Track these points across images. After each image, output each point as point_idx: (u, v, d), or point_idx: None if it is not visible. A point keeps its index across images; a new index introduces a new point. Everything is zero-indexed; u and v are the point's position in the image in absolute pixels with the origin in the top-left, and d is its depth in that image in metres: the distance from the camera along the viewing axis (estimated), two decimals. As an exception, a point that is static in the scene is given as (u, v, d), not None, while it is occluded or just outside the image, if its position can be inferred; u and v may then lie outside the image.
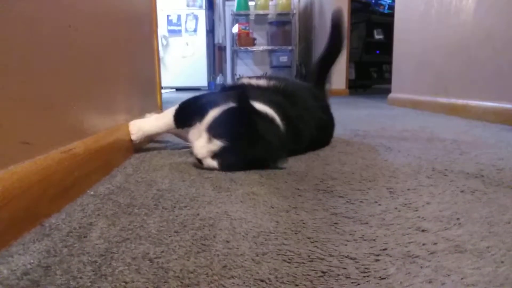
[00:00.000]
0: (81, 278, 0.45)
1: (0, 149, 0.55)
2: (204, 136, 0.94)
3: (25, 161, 0.60)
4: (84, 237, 0.56)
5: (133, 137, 1.10)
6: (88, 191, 0.78)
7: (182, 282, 0.44)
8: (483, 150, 1.17)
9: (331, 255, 0.51)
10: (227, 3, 5.52)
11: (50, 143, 0.69)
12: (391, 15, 3.12)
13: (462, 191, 0.77)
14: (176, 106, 1.13)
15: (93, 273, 0.46)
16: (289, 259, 0.50)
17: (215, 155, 0.93)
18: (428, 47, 2.49)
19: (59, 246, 0.53)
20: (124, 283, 0.44)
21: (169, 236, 0.56)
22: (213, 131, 0.92)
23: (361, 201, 0.72)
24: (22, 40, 0.61)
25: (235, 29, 5.17)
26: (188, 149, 1.06)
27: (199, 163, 0.95)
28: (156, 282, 0.44)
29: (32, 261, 0.49)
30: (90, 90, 0.88)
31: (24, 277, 0.45)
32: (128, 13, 1.21)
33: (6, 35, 0.56)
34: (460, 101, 2.10)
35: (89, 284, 0.44)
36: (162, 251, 0.51)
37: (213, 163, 0.94)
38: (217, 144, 0.91)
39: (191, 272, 0.46)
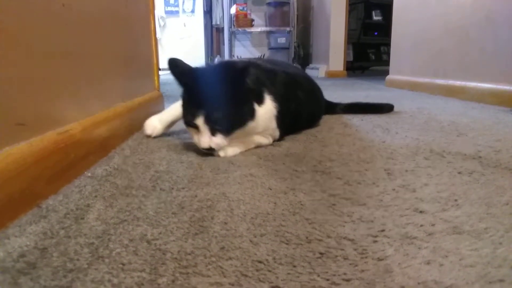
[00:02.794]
0: (78, 260, 0.45)
1: (-6, 130, 0.54)
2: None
3: (20, 143, 0.59)
4: (81, 218, 0.56)
5: (151, 134, 1.10)
6: (85, 172, 0.77)
7: (180, 264, 0.44)
8: (480, 132, 1.17)
9: (329, 237, 0.51)
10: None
11: (46, 125, 0.68)
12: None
13: (459, 173, 0.77)
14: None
15: (90, 254, 0.46)
16: (287, 241, 0.50)
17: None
18: (427, 28, 2.46)
19: (56, 228, 0.52)
20: (121, 265, 0.43)
21: (167, 218, 0.56)
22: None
23: (358, 183, 0.72)
24: (15, 20, 0.59)
25: (233, 10, 5.09)
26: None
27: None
28: (153, 264, 0.44)
29: (28, 243, 0.48)
30: (85, 71, 0.86)
31: (20, 259, 0.45)
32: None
33: (4, 21, 0.55)
34: (458, 83, 2.09)
35: (86, 266, 0.43)
36: (160, 233, 0.51)
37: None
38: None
39: (189, 254, 0.46)
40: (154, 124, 1.11)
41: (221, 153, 0.90)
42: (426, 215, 0.57)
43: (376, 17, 5.09)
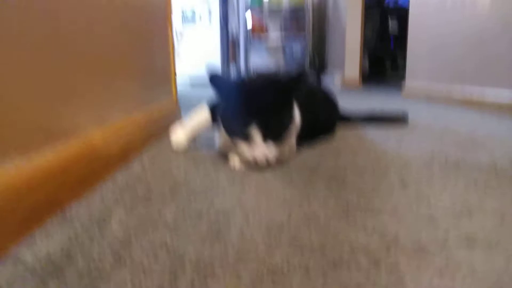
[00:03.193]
0: (101, 263, 0.47)
1: (22, 137, 0.57)
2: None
3: (46, 151, 0.62)
4: (104, 224, 0.58)
5: (177, 149, 1.12)
6: (107, 180, 0.80)
7: (197, 268, 0.46)
8: (497, 143, 1.16)
9: (342, 246, 0.52)
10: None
11: (70, 133, 0.71)
12: (406, 9, 3.08)
13: (474, 183, 0.77)
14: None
15: (113, 259, 0.48)
16: (302, 249, 0.51)
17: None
18: (443, 35, 2.45)
19: (80, 233, 0.55)
20: (142, 269, 0.46)
21: (185, 225, 0.58)
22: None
23: (373, 193, 0.73)
24: (44, 34, 0.62)
25: (249, 18, 5.15)
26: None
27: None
28: (172, 268, 0.46)
29: (54, 247, 0.51)
30: (107, 81, 0.90)
31: (47, 262, 0.47)
32: (144, 7, 1.23)
33: (28, 29, 0.58)
34: (476, 94, 2.07)
35: (109, 269, 0.46)
36: (178, 239, 0.53)
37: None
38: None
39: (206, 259, 0.48)
40: (180, 138, 1.13)
41: (237, 166, 0.92)
42: (439, 225, 0.58)
43: (392, 27, 5.08)
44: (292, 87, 0.92)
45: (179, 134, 1.13)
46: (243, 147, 0.89)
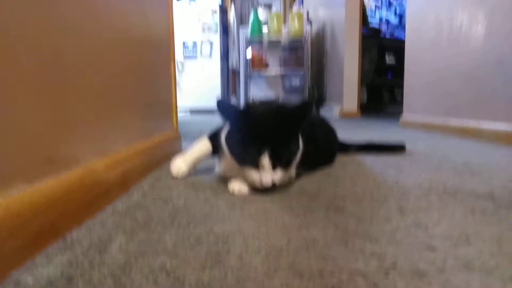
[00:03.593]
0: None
1: (27, 164, 0.58)
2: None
3: (49, 178, 0.63)
4: (104, 250, 0.59)
5: (176, 175, 1.12)
6: (107, 207, 0.81)
7: (197, 293, 0.46)
8: (494, 172, 1.17)
9: (341, 271, 0.52)
10: (241, 28, 5.66)
11: (73, 161, 0.72)
12: (403, 41, 3.17)
13: (472, 211, 0.78)
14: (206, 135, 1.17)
15: (113, 284, 0.48)
16: (300, 274, 0.51)
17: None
18: (439, 69, 2.51)
19: (81, 258, 0.55)
20: (142, 293, 0.46)
21: (185, 251, 0.59)
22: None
23: (371, 220, 0.74)
24: (50, 68, 0.65)
25: (249, 53, 5.28)
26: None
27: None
28: (172, 293, 0.46)
29: (55, 272, 0.51)
30: (110, 111, 0.92)
31: (48, 286, 0.47)
32: (148, 41, 1.27)
33: (36, 63, 0.61)
34: (472, 123, 2.10)
35: (110, 293, 0.46)
36: (178, 264, 0.54)
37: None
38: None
39: (206, 284, 0.48)
40: (179, 165, 1.13)
41: (237, 190, 0.93)
42: (437, 251, 0.58)
43: (389, 60, 5.21)
44: (301, 115, 0.95)
45: (180, 163, 1.14)
46: (252, 173, 0.91)
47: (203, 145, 1.15)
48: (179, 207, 0.82)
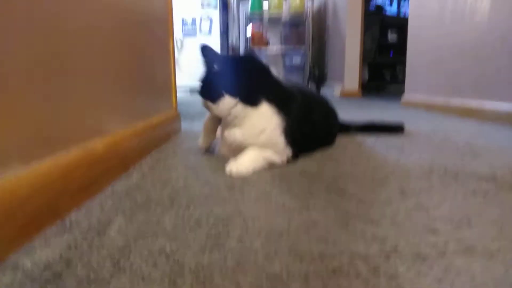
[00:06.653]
0: (100, 271, 0.47)
1: (23, 145, 0.57)
2: None
3: (46, 158, 0.62)
4: (103, 232, 0.58)
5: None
6: (106, 188, 0.80)
7: (197, 277, 0.46)
8: (496, 153, 1.16)
9: (342, 254, 0.52)
10: (241, 4, 5.55)
11: (71, 140, 0.71)
12: (406, 18, 3.11)
13: (474, 193, 0.77)
14: None
15: (112, 266, 0.48)
16: (301, 257, 0.51)
17: None
18: (442, 47, 2.47)
19: (79, 241, 0.55)
20: (141, 276, 0.45)
21: (184, 233, 0.58)
22: None
23: (372, 202, 0.73)
24: (47, 47, 0.63)
25: (249, 30, 5.19)
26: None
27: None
28: (172, 276, 0.46)
29: (53, 254, 0.51)
30: (108, 90, 0.90)
31: (46, 270, 0.47)
32: (147, 17, 1.24)
33: (33, 41, 0.59)
34: (474, 103, 2.08)
35: (109, 277, 0.46)
36: (178, 247, 0.53)
37: None
38: None
39: (206, 267, 0.48)
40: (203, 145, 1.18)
41: (234, 172, 0.92)
42: (438, 234, 0.58)
43: (391, 37, 5.13)
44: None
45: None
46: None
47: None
48: (179, 188, 0.81)
